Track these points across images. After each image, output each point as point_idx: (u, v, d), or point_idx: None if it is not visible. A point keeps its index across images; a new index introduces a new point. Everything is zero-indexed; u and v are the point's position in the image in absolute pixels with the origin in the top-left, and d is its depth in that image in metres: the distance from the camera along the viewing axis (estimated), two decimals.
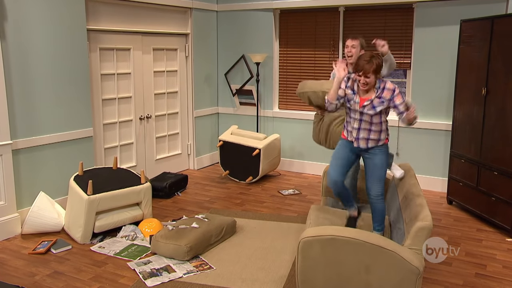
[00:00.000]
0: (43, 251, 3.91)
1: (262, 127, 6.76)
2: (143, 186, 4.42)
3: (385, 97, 3.38)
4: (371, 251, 2.78)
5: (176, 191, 5.59)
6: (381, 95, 3.39)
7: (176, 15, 6.16)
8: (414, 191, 3.49)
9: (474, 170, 4.73)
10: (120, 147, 5.60)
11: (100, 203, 4.13)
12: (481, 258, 3.91)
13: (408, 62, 5.72)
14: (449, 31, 5.34)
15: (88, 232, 4.13)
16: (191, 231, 3.89)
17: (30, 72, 4.39)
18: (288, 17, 6.45)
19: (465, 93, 4.89)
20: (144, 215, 4.47)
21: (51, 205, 4.39)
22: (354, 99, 3.48)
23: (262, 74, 6.59)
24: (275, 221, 4.67)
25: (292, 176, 6.39)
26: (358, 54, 4.01)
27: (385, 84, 3.40)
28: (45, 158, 4.60)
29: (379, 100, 3.39)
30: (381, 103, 3.38)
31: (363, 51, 4.03)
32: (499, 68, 4.36)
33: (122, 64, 5.53)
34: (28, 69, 4.37)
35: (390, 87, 3.39)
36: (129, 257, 3.85)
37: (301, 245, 2.90)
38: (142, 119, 5.85)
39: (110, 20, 5.27)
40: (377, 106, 3.40)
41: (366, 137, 3.50)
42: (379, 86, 3.40)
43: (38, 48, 4.44)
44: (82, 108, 4.91)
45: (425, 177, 5.66)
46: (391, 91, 3.37)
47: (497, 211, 4.42)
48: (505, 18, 4.37)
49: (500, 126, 4.37)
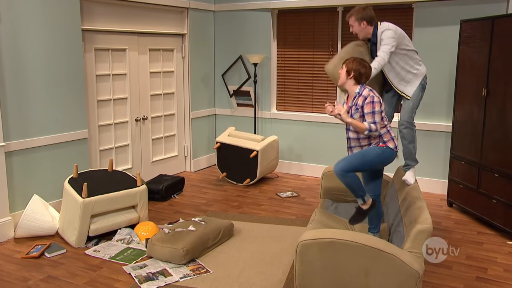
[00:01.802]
0: (36, 255, 3.86)
1: (259, 129, 6.72)
2: (139, 188, 4.37)
3: (359, 104, 3.30)
4: (370, 254, 2.76)
5: (173, 193, 5.54)
6: (357, 102, 3.32)
7: (172, 15, 6.11)
8: (414, 194, 3.49)
9: (474, 172, 4.69)
10: (115, 149, 5.55)
11: (95, 206, 4.09)
12: (482, 261, 3.88)
13: None
14: (449, 32, 5.31)
15: (83, 235, 4.08)
16: (188, 234, 3.86)
17: (23, 73, 4.34)
18: (286, 17, 6.40)
19: (465, 94, 4.86)
20: (140, 218, 4.43)
21: (45, 208, 4.33)
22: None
23: (259, 75, 6.55)
24: (273, 224, 4.63)
25: (290, 178, 6.36)
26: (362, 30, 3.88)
27: (363, 91, 3.31)
28: (39, 160, 4.54)
29: (355, 107, 3.33)
30: (356, 110, 3.32)
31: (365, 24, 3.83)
32: (500, 69, 4.32)
33: (118, 65, 5.48)
34: (21, 69, 4.32)
35: (365, 94, 3.28)
36: (124, 261, 3.81)
37: (299, 248, 2.88)
38: (138, 120, 5.79)
39: (105, 20, 5.22)
40: (354, 114, 3.34)
41: (357, 144, 3.43)
42: (358, 92, 3.34)
43: (31, 48, 4.39)
44: (77, 109, 4.86)
45: (425, 179, 5.61)
46: (364, 98, 3.27)
47: (498, 213, 4.38)
48: (505, 18, 4.34)
49: (500, 127, 4.33)
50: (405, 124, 3.91)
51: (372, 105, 3.23)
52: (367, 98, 3.25)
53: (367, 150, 3.36)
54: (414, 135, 3.98)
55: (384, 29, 3.80)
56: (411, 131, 3.94)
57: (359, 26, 3.87)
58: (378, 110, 3.25)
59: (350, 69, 3.34)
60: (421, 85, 3.99)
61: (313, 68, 6.34)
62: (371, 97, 3.25)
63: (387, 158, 3.38)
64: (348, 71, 3.35)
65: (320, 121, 6.27)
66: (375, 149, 3.35)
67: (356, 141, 3.43)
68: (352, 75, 3.34)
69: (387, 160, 3.40)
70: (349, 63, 3.36)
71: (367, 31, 3.89)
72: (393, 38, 3.75)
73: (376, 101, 3.25)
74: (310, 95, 6.42)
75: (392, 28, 3.79)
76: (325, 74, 6.24)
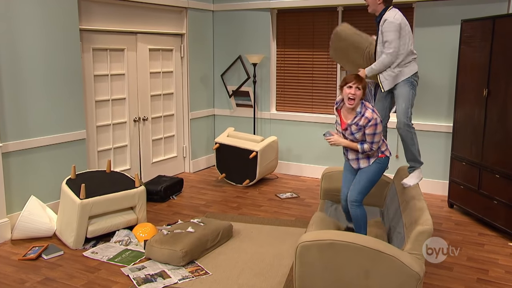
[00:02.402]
0: (33, 257, 3.84)
1: (259, 129, 6.69)
2: (137, 189, 4.35)
3: (361, 124, 3.33)
4: (371, 255, 2.75)
5: (171, 194, 5.51)
6: (358, 122, 3.34)
7: (171, 15, 6.09)
8: (414, 195, 3.49)
9: (475, 173, 4.66)
10: (114, 149, 5.51)
11: (93, 207, 4.06)
12: (483, 263, 3.86)
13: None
14: (449, 31, 5.29)
15: (81, 237, 4.06)
16: (187, 236, 3.84)
17: (21, 73, 4.32)
18: (286, 17, 6.38)
19: (466, 94, 4.83)
20: (139, 219, 4.41)
21: (42, 209, 4.31)
22: (338, 121, 3.52)
23: (259, 75, 6.52)
24: (272, 225, 4.61)
25: (289, 179, 6.33)
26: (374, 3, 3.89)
27: (365, 112, 3.33)
28: (36, 161, 4.51)
29: (356, 127, 3.36)
30: (359, 130, 3.36)
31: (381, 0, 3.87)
32: (501, 69, 4.30)
33: (116, 65, 5.45)
34: (19, 69, 4.30)
35: (368, 116, 3.30)
36: (122, 262, 3.79)
37: (299, 249, 2.87)
38: (137, 121, 5.75)
39: (103, 19, 5.19)
40: (355, 133, 3.38)
41: (355, 157, 3.50)
42: (360, 111, 3.34)
43: (29, 48, 4.36)
44: (75, 109, 4.83)
45: (425, 180, 5.58)
46: (367, 120, 3.30)
47: (499, 214, 4.36)
48: (506, 18, 4.32)
49: (501, 128, 4.31)
50: (402, 127, 3.85)
51: (375, 128, 3.31)
52: (371, 121, 3.29)
53: (369, 172, 3.45)
54: (413, 137, 3.92)
55: (387, 19, 3.77)
56: (409, 133, 3.88)
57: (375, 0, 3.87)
58: (380, 131, 3.35)
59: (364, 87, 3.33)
60: (410, 83, 3.89)
61: (313, 68, 6.31)
62: (375, 120, 3.30)
63: (385, 168, 3.52)
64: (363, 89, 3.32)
65: (320, 122, 6.24)
66: (376, 168, 3.46)
67: (353, 153, 3.51)
68: (362, 94, 3.33)
69: (385, 170, 3.54)
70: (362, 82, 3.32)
71: (377, 8, 3.90)
72: (395, 32, 3.73)
73: (379, 123, 3.32)
74: (310, 96, 6.39)
75: (395, 21, 3.74)
76: (324, 75, 6.22)
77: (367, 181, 3.47)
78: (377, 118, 3.31)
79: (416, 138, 3.95)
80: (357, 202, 3.46)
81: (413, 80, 3.92)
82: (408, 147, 3.91)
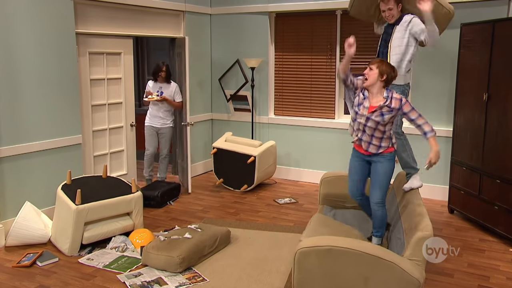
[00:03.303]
0: (28, 264, 3.79)
1: (257, 134, 6.66)
2: (133, 195, 4.31)
3: (394, 107, 3.42)
4: (370, 262, 2.73)
5: (168, 200, 5.47)
6: (390, 104, 3.43)
7: (168, 18, 6.05)
8: (414, 200, 3.50)
9: (475, 178, 4.62)
10: (110, 154, 5.47)
11: (89, 213, 4.03)
12: (484, 269, 3.82)
13: None
14: (449, 35, 5.25)
15: (76, 243, 4.02)
16: (184, 242, 3.81)
17: (16, 77, 4.28)
18: (284, 21, 6.35)
19: (466, 99, 4.80)
20: (135, 225, 4.38)
21: (37, 215, 4.27)
22: (364, 104, 3.52)
23: (257, 79, 6.49)
24: (270, 231, 4.58)
25: (288, 184, 6.29)
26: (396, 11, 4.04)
27: (393, 94, 3.46)
28: (31, 166, 4.47)
29: (388, 108, 3.43)
30: (390, 112, 3.43)
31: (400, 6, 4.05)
32: (501, 73, 4.27)
33: (113, 69, 5.41)
34: (14, 73, 4.26)
35: (397, 96, 3.44)
36: (119, 269, 3.76)
37: (297, 256, 2.85)
38: (133, 125, 5.71)
39: (100, 23, 5.15)
40: (385, 114, 3.44)
41: (368, 140, 3.54)
42: (387, 95, 3.44)
43: (24, 52, 4.33)
44: (71, 114, 4.79)
45: (425, 185, 5.52)
46: (399, 100, 3.43)
47: (500, 220, 4.32)
48: (506, 21, 4.31)
49: (502, 133, 4.27)
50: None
51: (409, 103, 3.45)
52: (402, 100, 3.42)
53: (384, 170, 3.54)
54: (404, 144, 4.01)
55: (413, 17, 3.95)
56: (399, 141, 3.97)
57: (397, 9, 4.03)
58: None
59: (383, 71, 3.43)
60: (401, 91, 4.00)
61: (312, 72, 6.28)
62: (405, 99, 3.45)
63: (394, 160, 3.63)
64: (381, 73, 3.43)
65: (319, 126, 6.21)
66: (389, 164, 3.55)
67: (368, 137, 3.54)
68: (384, 78, 3.44)
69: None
70: (381, 65, 3.45)
71: (396, 14, 4.05)
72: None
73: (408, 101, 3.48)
74: (309, 100, 6.35)
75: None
76: (323, 78, 6.19)
77: (386, 180, 3.56)
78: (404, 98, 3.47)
79: (408, 145, 4.04)
80: (381, 202, 3.56)
81: (405, 89, 4.04)
82: (400, 154, 3.98)
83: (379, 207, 3.57)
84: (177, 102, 5.78)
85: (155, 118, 5.75)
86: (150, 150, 5.83)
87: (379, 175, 3.55)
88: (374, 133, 3.49)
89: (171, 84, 5.79)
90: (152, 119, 5.77)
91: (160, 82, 5.76)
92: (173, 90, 5.77)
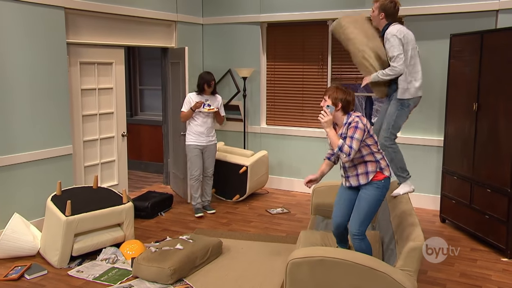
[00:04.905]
0: (15, 277, 3.73)
1: (249, 144, 6.64)
2: (124, 206, 4.27)
3: (345, 132, 3.15)
4: (362, 272, 2.72)
5: (160, 210, 5.42)
6: (345, 132, 3.14)
7: (160, 28, 6.05)
8: (405, 210, 3.46)
9: (467, 187, 4.64)
10: (101, 165, 5.42)
11: (79, 225, 3.98)
12: (476, 279, 3.82)
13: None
14: (439, 45, 5.31)
15: (66, 255, 3.96)
16: (175, 253, 3.77)
17: (5, 86, 4.25)
18: (276, 31, 6.37)
19: (456, 108, 4.83)
20: (126, 236, 4.32)
21: (26, 227, 4.20)
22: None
23: (249, 89, 6.49)
24: (263, 241, 4.55)
25: (280, 194, 6.27)
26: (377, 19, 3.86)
27: (349, 119, 3.15)
28: (20, 177, 4.41)
29: (341, 137, 3.17)
30: (344, 140, 3.12)
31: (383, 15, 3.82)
32: (490, 83, 4.31)
33: (104, 79, 5.38)
34: (3, 83, 4.23)
35: (350, 120, 3.14)
36: (109, 281, 3.70)
37: (289, 267, 2.83)
38: (125, 135, 5.67)
39: (91, 33, 5.14)
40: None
41: (354, 173, 3.24)
42: (346, 122, 3.17)
43: (14, 61, 4.30)
44: (61, 124, 4.76)
45: (417, 195, 5.54)
46: (349, 124, 3.13)
47: (491, 229, 4.32)
48: (494, 32, 4.36)
49: (492, 142, 4.30)
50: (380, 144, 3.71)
51: (354, 130, 3.07)
52: (351, 124, 3.10)
53: (369, 199, 3.19)
54: (392, 156, 3.80)
55: (389, 34, 3.74)
56: (387, 153, 3.76)
57: (378, 15, 3.84)
58: (359, 138, 3.06)
59: (336, 99, 3.14)
60: (400, 103, 3.79)
61: (303, 82, 6.29)
62: (355, 122, 3.09)
63: (386, 191, 3.26)
64: (334, 103, 3.15)
65: (310, 136, 6.21)
66: (376, 194, 3.19)
67: (352, 170, 3.24)
68: (340, 106, 3.15)
69: (386, 193, 3.27)
70: (332, 94, 3.15)
71: (380, 23, 3.88)
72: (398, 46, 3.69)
73: (360, 127, 3.07)
74: (300, 110, 6.36)
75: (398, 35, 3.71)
76: (315, 88, 6.20)
77: (368, 210, 3.19)
78: (359, 122, 3.08)
79: (395, 155, 3.81)
80: (360, 234, 3.20)
81: (406, 103, 3.80)
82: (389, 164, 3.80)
83: (355, 239, 3.21)
84: (223, 116, 5.41)
85: (201, 135, 5.20)
86: (198, 172, 5.25)
87: (360, 203, 3.21)
88: (354, 161, 3.20)
89: (217, 96, 5.35)
90: (197, 137, 5.20)
91: (206, 95, 5.23)
92: (219, 102, 5.32)
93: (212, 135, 5.30)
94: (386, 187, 3.23)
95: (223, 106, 5.41)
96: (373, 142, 3.19)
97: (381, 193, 3.21)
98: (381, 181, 3.20)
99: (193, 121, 5.19)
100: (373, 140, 3.20)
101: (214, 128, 5.35)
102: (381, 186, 3.20)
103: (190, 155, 5.23)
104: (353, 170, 3.24)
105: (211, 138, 5.29)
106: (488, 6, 5.00)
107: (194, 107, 5.06)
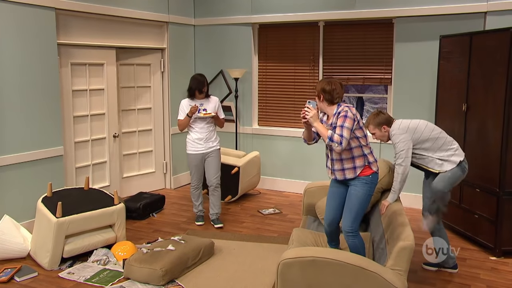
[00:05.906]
0: (5, 280, 3.70)
1: (241, 145, 6.65)
2: (116, 207, 4.26)
3: (335, 122, 3.18)
4: (353, 272, 2.73)
5: (151, 211, 5.41)
6: (335, 122, 3.18)
7: (151, 29, 6.04)
8: (396, 210, 3.47)
9: (456, 187, 4.64)
10: (92, 166, 5.40)
11: (70, 226, 3.96)
12: (465, 278, 3.85)
13: (389, 77, 5.70)
14: (429, 47, 5.35)
15: (56, 257, 3.94)
16: (167, 254, 3.77)
17: None
18: (268, 32, 6.39)
19: (446, 109, 4.87)
20: (117, 237, 4.31)
21: (16, 229, 4.17)
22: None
23: (241, 89, 6.50)
24: (255, 242, 4.55)
25: (272, 195, 6.28)
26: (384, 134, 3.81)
27: (339, 109, 3.21)
28: (10, 179, 4.39)
29: (331, 127, 3.20)
30: (334, 129, 3.16)
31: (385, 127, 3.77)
32: (479, 84, 4.35)
33: (95, 79, 5.36)
34: None
35: (340, 109, 3.19)
36: (100, 283, 3.69)
37: (281, 267, 2.83)
38: (116, 136, 5.66)
39: (82, 34, 5.12)
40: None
41: (340, 167, 3.27)
42: (336, 112, 3.22)
43: (4, 62, 4.28)
44: (52, 125, 4.73)
45: (407, 194, 5.58)
46: (339, 113, 3.18)
47: (480, 229, 4.37)
48: (483, 34, 4.40)
49: (481, 142, 4.34)
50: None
51: (344, 119, 3.10)
52: (340, 113, 3.15)
53: (359, 196, 3.23)
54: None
55: (392, 133, 3.72)
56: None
57: (380, 132, 3.78)
58: (349, 126, 3.09)
59: (319, 91, 3.26)
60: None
61: (295, 82, 6.31)
62: (345, 112, 3.13)
63: (375, 186, 3.30)
64: (318, 95, 3.28)
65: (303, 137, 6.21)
66: (365, 189, 3.24)
67: (339, 163, 3.26)
68: (322, 97, 3.25)
69: (374, 188, 3.32)
70: (316, 87, 3.29)
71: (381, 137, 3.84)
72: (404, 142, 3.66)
73: (349, 116, 3.11)
74: (292, 110, 6.38)
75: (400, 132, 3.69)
76: (306, 89, 6.22)
77: (359, 207, 3.25)
78: (348, 111, 3.12)
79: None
80: (353, 231, 3.26)
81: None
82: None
83: (349, 236, 3.27)
84: (223, 119, 4.99)
85: (200, 142, 4.84)
86: (196, 183, 4.97)
87: (350, 200, 3.26)
88: (342, 155, 3.23)
89: (212, 98, 4.93)
90: (195, 145, 4.85)
91: (198, 99, 4.84)
92: (216, 105, 4.90)
93: (213, 141, 4.89)
94: (374, 182, 3.28)
95: (221, 107, 5.00)
96: (362, 135, 3.22)
97: (370, 188, 3.26)
98: (369, 176, 3.24)
99: (191, 128, 4.86)
100: (363, 133, 3.23)
101: (215, 133, 4.95)
102: (369, 181, 3.24)
103: (189, 164, 4.95)
104: (340, 164, 3.27)
105: (211, 144, 4.88)
106: (476, 8, 5.06)
107: (190, 112, 4.69)
